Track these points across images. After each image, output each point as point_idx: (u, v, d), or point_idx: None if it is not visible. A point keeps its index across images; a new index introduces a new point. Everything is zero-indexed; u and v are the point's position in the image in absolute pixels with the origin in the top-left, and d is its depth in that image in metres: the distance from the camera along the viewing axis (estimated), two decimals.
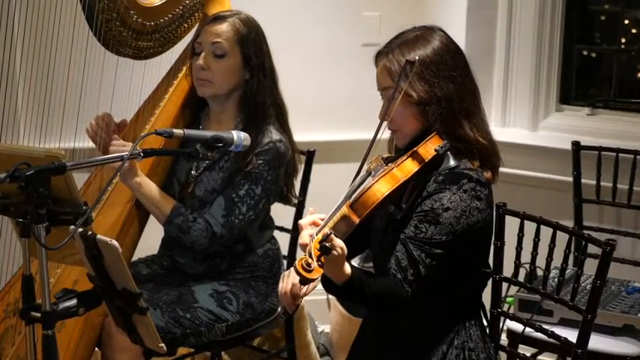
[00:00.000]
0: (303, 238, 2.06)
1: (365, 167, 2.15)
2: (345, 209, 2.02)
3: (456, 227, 2.04)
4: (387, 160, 2.14)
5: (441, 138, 2.09)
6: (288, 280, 2.18)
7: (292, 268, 1.93)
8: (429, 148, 2.08)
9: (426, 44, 2.12)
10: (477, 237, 2.11)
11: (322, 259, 1.84)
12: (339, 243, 1.86)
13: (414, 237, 2.04)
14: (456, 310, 2.18)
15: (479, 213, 2.07)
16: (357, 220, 2.02)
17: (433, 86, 2.09)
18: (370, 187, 2.03)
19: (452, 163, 2.09)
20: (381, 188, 2.03)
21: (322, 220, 2.11)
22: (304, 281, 1.85)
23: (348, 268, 1.93)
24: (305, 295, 2.18)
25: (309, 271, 1.83)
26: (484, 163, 2.13)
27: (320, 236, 1.85)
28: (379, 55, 2.17)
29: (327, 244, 1.82)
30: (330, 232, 1.85)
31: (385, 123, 2.12)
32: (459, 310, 2.18)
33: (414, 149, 2.08)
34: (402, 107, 2.11)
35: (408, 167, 2.07)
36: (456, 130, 2.10)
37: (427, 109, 2.09)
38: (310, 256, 1.84)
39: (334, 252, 1.84)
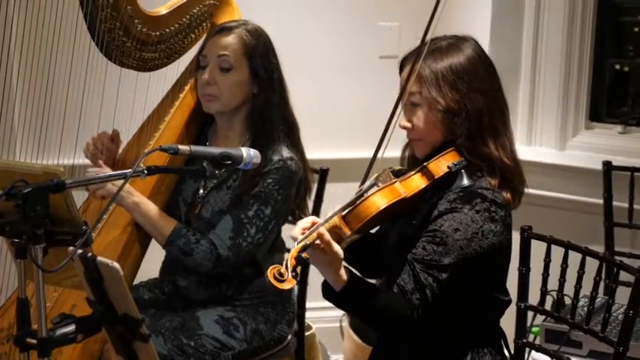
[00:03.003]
0: (296, 231, 2.04)
1: (372, 179, 2.15)
2: (336, 219, 2.03)
3: (467, 250, 2.03)
4: (397, 174, 2.14)
5: (459, 154, 2.09)
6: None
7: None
8: (441, 165, 2.08)
9: (459, 52, 2.13)
10: (492, 262, 2.10)
11: (298, 269, 1.89)
12: (334, 247, 1.94)
13: (422, 259, 2.03)
14: (468, 339, 2.17)
15: (493, 236, 2.06)
16: (348, 232, 2.02)
17: (464, 97, 2.09)
18: (366, 199, 2.03)
19: (465, 182, 2.08)
20: (378, 201, 2.02)
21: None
22: (276, 291, 1.89)
23: (344, 275, 1.99)
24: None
25: (281, 282, 1.88)
26: (504, 184, 2.11)
27: (299, 247, 1.91)
28: (406, 60, 2.17)
29: (304, 256, 1.90)
30: (309, 244, 1.91)
31: (391, 129, 2.10)
32: (472, 338, 2.17)
33: (425, 164, 2.08)
34: (427, 112, 2.11)
35: (415, 183, 2.07)
36: (480, 147, 2.09)
37: (454, 121, 2.09)
38: (286, 266, 1.89)
39: (318, 259, 1.93)
